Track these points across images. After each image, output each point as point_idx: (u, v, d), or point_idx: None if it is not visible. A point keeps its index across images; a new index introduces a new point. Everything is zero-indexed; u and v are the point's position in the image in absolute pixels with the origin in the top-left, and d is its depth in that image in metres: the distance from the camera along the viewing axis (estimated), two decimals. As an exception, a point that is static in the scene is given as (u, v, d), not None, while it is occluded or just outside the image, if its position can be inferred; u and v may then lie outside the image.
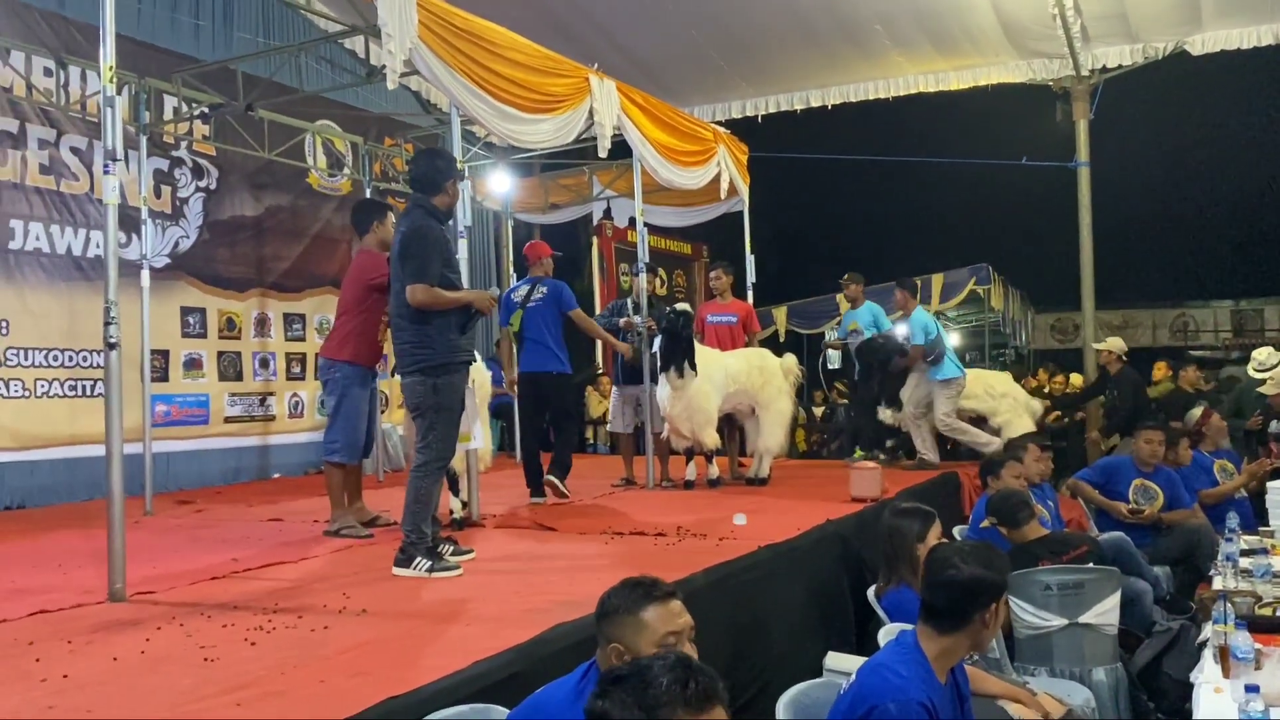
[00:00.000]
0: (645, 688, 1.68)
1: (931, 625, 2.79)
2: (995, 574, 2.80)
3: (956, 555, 2.84)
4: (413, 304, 4.55)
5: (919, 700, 2.56)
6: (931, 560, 2.91)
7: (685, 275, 15.88)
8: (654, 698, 1.67)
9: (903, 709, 2.54)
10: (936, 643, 2.77)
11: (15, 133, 7.82)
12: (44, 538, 6.00)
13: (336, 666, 3.03)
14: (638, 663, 1.76)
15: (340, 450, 5.77)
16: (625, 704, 1.68)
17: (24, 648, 3.33)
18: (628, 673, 1.73)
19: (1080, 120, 12.19)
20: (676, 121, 8.57)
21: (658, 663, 1.74)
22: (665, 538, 5.31)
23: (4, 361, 7.59)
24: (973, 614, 2.76)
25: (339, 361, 5.79)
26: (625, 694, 1.69)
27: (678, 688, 1.67)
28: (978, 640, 2.81)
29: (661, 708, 1.66)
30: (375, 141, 10.45)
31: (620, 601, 2.38)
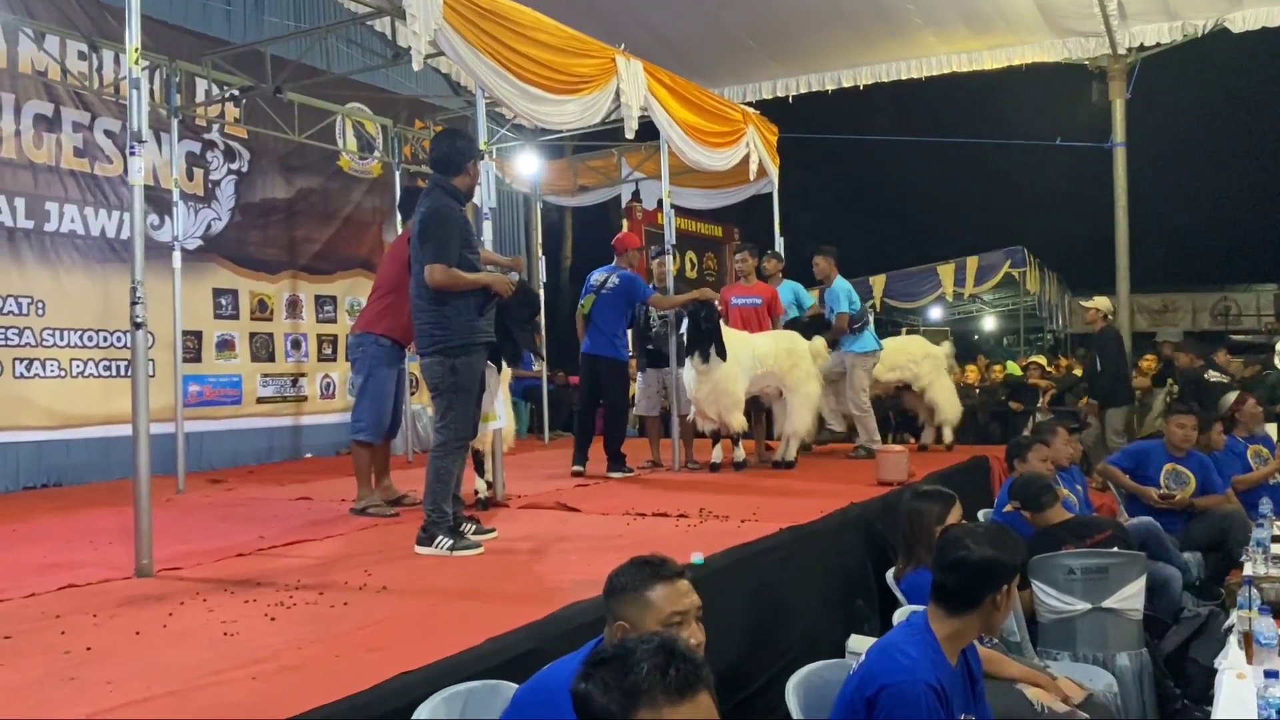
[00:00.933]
0: (626, 673, 1.66)
1: (942, 606, 2.77)
2: (1007, 555, 2.77)
3: (968, 536, 2.81)
4: (430, 285, 4.57)
5: (927, 681, 2.55)
6: (943, 541, 2.89)
7: (715, 258, 15.83)
8: (633, 683, 1.64)
9: (911, 690, 2.53)
10: (947, 624, 2.75)
11: (50, 116, 7.92)
12: (77, 515, 6.10)
13: (353, 642, 3.06)
14: (623, 645, 1.74)
15: (366, 429, 5.82)
16: (606, 687, 1.66)
17: (50, 620, 3.39)
18: (611, 655, 1.71)
19: (1117, 100, 12.02)
20: (704, 102, 8.52)
21: (641, 646, 1.70)
22: (687, 519, 5.32)
23: (40, 341, 7.72)
24: (984, 595, 2.73)
25: (372, 335, 5.83)
26: (607, 677, 1.67)
27: (658, 674, 1.64)
28: (989, 622, 2.79)
29: (641, 694, 1.63)
30: (405, 124, 10.48)
31: (627, 580, 2.38)
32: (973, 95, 14.13)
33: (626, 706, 1.63)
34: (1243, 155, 19.09)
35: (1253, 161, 18.90)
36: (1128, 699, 4.22)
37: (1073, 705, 3.53)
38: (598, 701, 1.65)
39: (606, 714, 1.64)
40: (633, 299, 7.60)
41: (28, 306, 7.66)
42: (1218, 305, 22.65)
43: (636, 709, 1.63)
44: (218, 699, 2.54)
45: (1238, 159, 19.03)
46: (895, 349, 9.12)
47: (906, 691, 2.53)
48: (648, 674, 1.64)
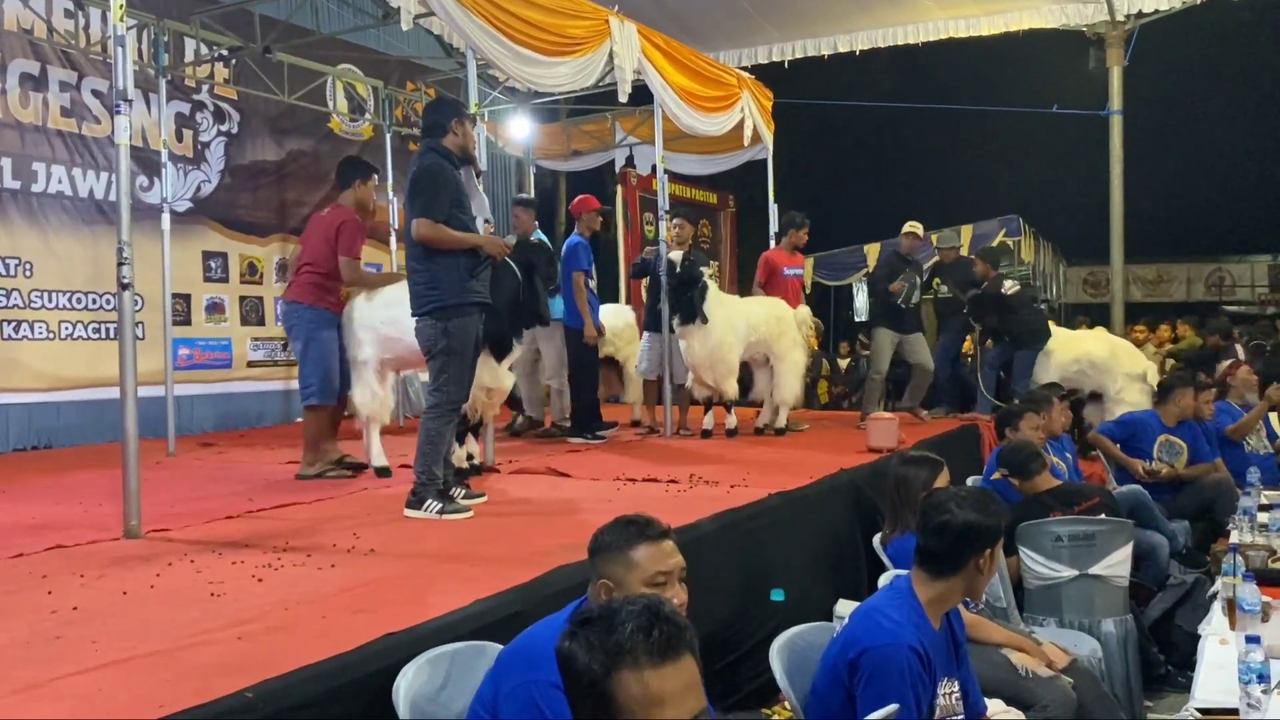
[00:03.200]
0: (610, 632, 1.65)
1: (925, 570, 2.78)
2: (990, 519, 2.78)
3: (951, 500, 2.81)
4: (416, 239, 4.54)
5: (909, 644, 2.56)
6: (926, 505, 2.89)
7: (710, 225, 15.75)
8: (616, 643, 1.63)
9: (892, 653, 2.54)
10: (930, 588, 2.76)
11: (36, 75, 7.82)
12: (67, 476, 6.09)
13: (340, 603, 3.07)
14: (608, 606, 1.73)
15: (316, 392, 5.75)
16: (590, 646, 1.65)
17: (38, 580, 3.40)
18: (596, 615, 1.71)
19: (1114, 67, 11.94)
20: (699, 66, 8.44)
21: (626, 608, 1.70)
22: (677, 484, 5.33)
23: (29, 303, 7.67)
24: (966, 559, 2.74)
25: (306, 305, 5.78)
26: (591, 636, 1.66)
27: (641, 635, 1.64)
28: (972, 586, 2.80)
29: (624, 654, 1.62)
30: (397, 86, 10.38)
31: (612, 538, 2.38)
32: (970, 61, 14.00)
33: (609, 666, 1.63)
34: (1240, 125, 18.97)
35: (1250, 132, 18.78)
36: (1112, 665, 4.25)
37: (1057, 670, 3.56)
38: (580, 660, 1.65)
39: (589, 673, 1.64)
40: (568, 267, 7.47)
41: (15, 268, 7.60)
42: (1212, 276, 22.64)
43: (619, 669, 1.62)
44: (204, 658, 2.54)
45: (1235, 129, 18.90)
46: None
47: (888, 654, 2.54)
48: (631, 634, 1.64)
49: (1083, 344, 8.81)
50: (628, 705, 1.61)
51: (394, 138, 9.95)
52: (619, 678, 1.62)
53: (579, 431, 7.46)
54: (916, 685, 2.56)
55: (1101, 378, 8.46)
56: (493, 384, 5.63)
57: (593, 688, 1.63)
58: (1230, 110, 18.96)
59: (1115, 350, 8.73)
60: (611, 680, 1.62)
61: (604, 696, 1.62)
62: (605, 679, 1.62)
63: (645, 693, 1.61)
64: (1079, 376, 8.47)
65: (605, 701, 1.62)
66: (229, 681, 2.29)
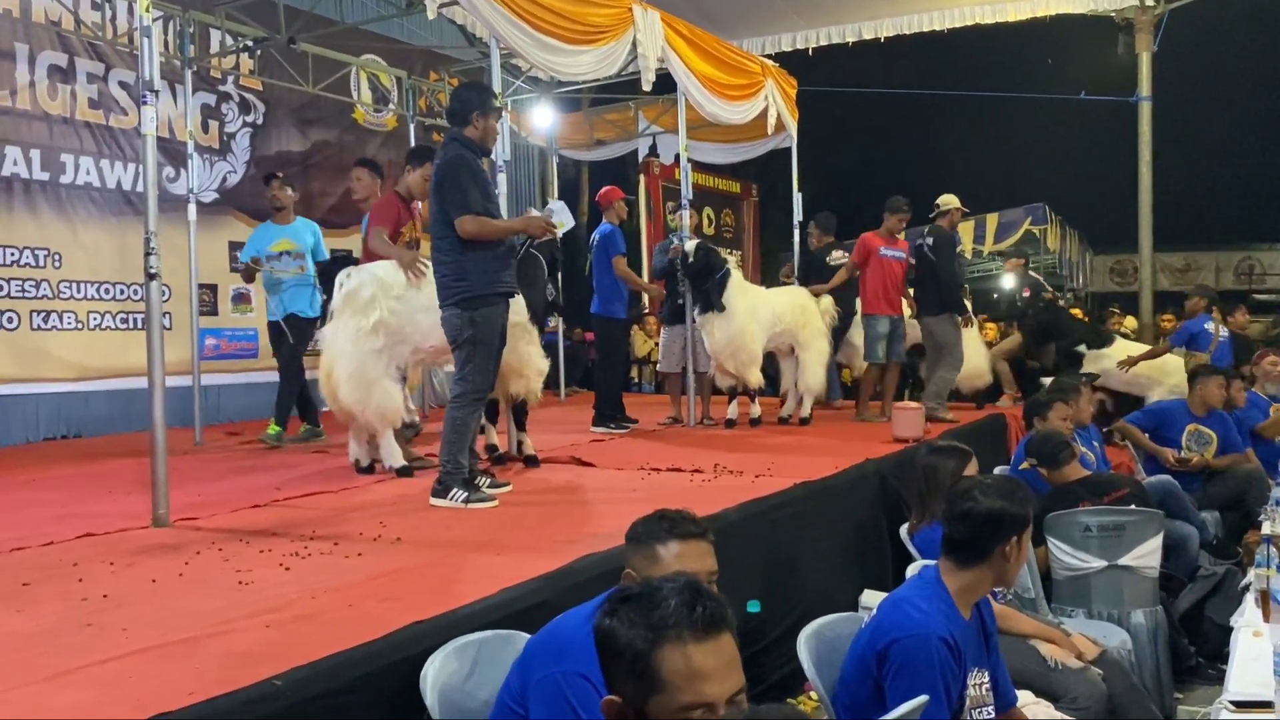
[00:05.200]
0: (653, 608, 1.67)
1: (953, 559, 2.75)
2: (1015, 507, 2.74)
3: (976, 488, 2.78)
4: (463, 236, 4.52)
5: (939, 634, 2.53)
6: (952, 494, 2.87)
7: (734, 214, 15.70)
8: (660, 619, 1.65)
9: (922, 643, 2.52)
10: (958, 577, 2.73)
11: (64, 67, 7.88)
12: (95, 465, 6.15)
13: (366, 592, 3.08)
14: (648, 584, 1.75)
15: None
16: (632, 622, 1.67)
17: (68, 568, 3.42)
18: (637, 592, 1.72)
19: (1143, 53, 11.79)
20: (723, 54, 8.40)
21: (667, 585, 1.72)
22: (701, 474, 5.31)
23: (58, 294, 7.74)
24: (993, 547, 2.71)
25: None
26: (633, 613, 1.68)
27: (685, 610, 1.66)
28: (1001, 575, 2.77)
29: (668, 629, 1.64)
30: (420, 76, 10.38)
31: (643, 530, 2.36)
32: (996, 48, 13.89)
33: (652, 641, 1.64)
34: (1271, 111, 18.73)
35: (1280, 118, 18.57)
36: (1142, 656, 4.21)
37: (1087, 662, 3.53)
38: (623, 636, 1.67)
39: (631, 649, 1.66)
40: (608, 254, 7.66)
41: (44, 259, 7.67)
42: (1241, 264, 22.39)
43: (663, 644, 1.64)
44: (231, 646, 2.55)
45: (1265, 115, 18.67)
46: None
47: (918, 644, 2.52)
48: (675, 610, 1.66)
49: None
50: (671, 679, 1.63)
51: (418, 128, 9.96)
52: (662, 652, 1.64)
53: (604, 421, 7.47)
54: (946, 675, 2.53)
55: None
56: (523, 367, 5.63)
57: (636, 662, 1.65)
58: (1260, 96, 18.72)
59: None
60: (655, 655, 1.64)
61: (647, 671, 1.64)
62: (649, 654, 1.64)
63: (689, 667, 1.63)
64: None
65: (648, 676, 1.64)
66: (257, 669, 2.30)
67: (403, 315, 5.18)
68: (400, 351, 5.29)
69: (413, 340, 5.25)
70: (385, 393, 5.17)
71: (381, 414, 5.19)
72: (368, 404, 5.13)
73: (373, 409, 5.16)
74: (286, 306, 7.12)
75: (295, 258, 7.16)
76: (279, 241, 7.18)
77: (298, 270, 7.14)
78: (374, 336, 5.13)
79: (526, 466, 5.71)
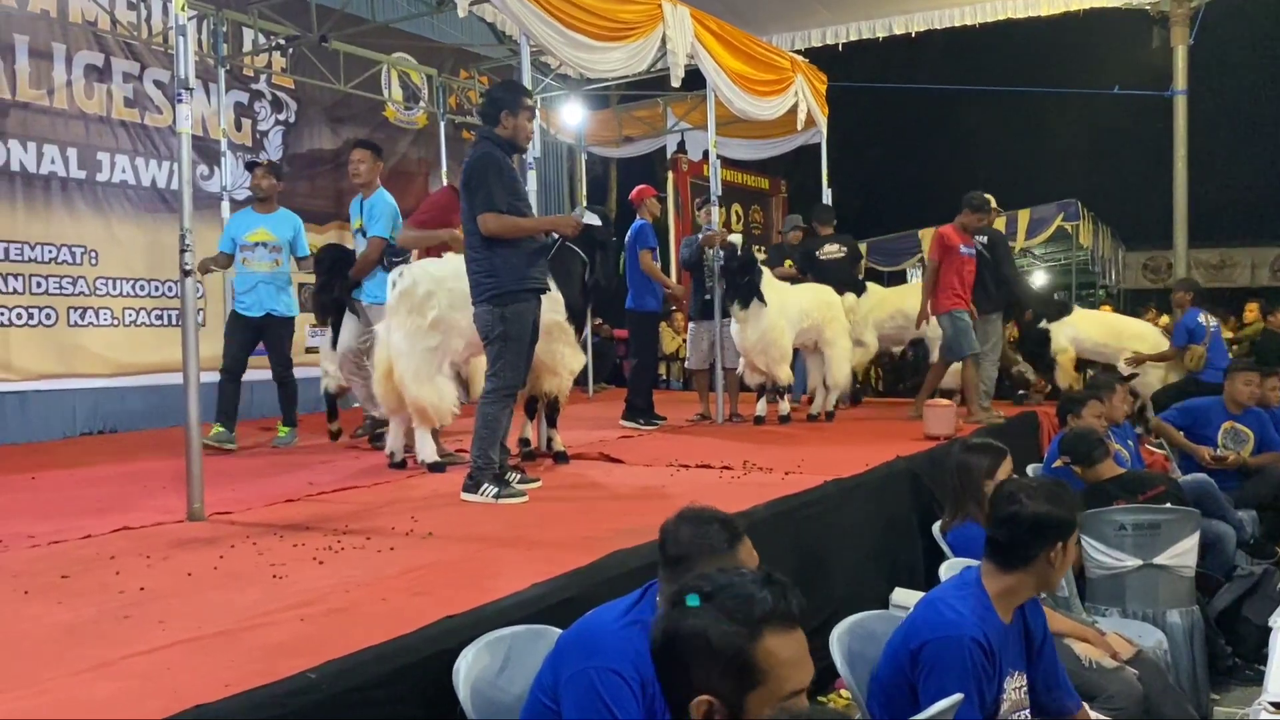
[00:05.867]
0: (746, 602, 1.70)
1: (995, 562, 2.71)
2: (1063, 512, 2.69)
3: (1022, 491, 2.73)
4: (485, 234, 4.55)
5: (972, 636, 2.50)
6: (997, 496, 2.82)
7: (761, 210, 15.66)
8: (759, 612, 1.68)
9: (954, 644, 2.48)
10: (999, 580, 2.69)
11: (101, 66, 7.98)
12: (131, 460, 6.22)
13: (399, 586, 3.09)
14: (725, 577, 1.76)
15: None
16: (730, 616, 1.69)
17: (106, 561, 3.47)
18: (719, 586, 1.74)
19: (1179, 46, 11.64)
20: (752, 50, 8.39)
21: (746, 578, 1.74)
22: (731, 471, 5.30)
23: (94, 291, 7.84)
24: (1037, 552, 2.66)
25: None
26: (727, 605, 1.70)
27: (781, 602, 1.70)
28: (1045, 580, 2.71)
29: (767, 621, 1.68)
30: (450, 74, 10.43)
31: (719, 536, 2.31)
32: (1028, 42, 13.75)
33: (751, 635, 1.68)
34: (1309, 105, 18.45)
35: (1319, 112, 18.28)
36: (1178, 656, 4.16)
37: (1122, 661, 3.49)
38: (717, 633, 1.69)
39: (730, 645, 1.68)
40: (638, 249, 7.72)
41: (81, 256, 7.78)
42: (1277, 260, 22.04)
43: (763, 637, 1.68)
44: (267, 639, 2.57)
45: (1304, 108, 18.40)
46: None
47: (949, 645, 2.49)
48: (774, 601, 1.70)
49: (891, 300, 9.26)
50: (771, 670, 1.67)
51: (448, 125, 10.00)
52: (764, 644, 1.68)
53: (633, 416, 7.48)
54: (979, 677, 2.50)
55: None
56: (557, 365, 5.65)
57: (736, 658, 1.68)
58: (1299, 90, 18.44)
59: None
60: (756, 648, 1.67)
61: (747, 665, 1.67)
62: (749, 648, 1.67)
63: (789, 656, 1.69)
64: (899, 332, 9.10)
65: (749, 670, 1.67)
66: (292, 662, 2.32)
67: (456, 312, 5.23)
68: (455, 347, 5.36)
69: (466, 336, 5.30)
70: (438, 390, 5.25)
71: (437, 410, 5.27)
72: (423, 400, 5.21)
73: (428, 405, 5.23)
74: (264, 305, 6.69)
75: (271, 250, 6.71)
76: (256, 231, 6.69)
77: (272, 264, 6.70)
78: (431, 334, 5.21)
79: (556, 463, 5.73)
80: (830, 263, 8.63)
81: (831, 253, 8.70)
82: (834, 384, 7.89)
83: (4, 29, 7.36)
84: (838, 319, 7.88)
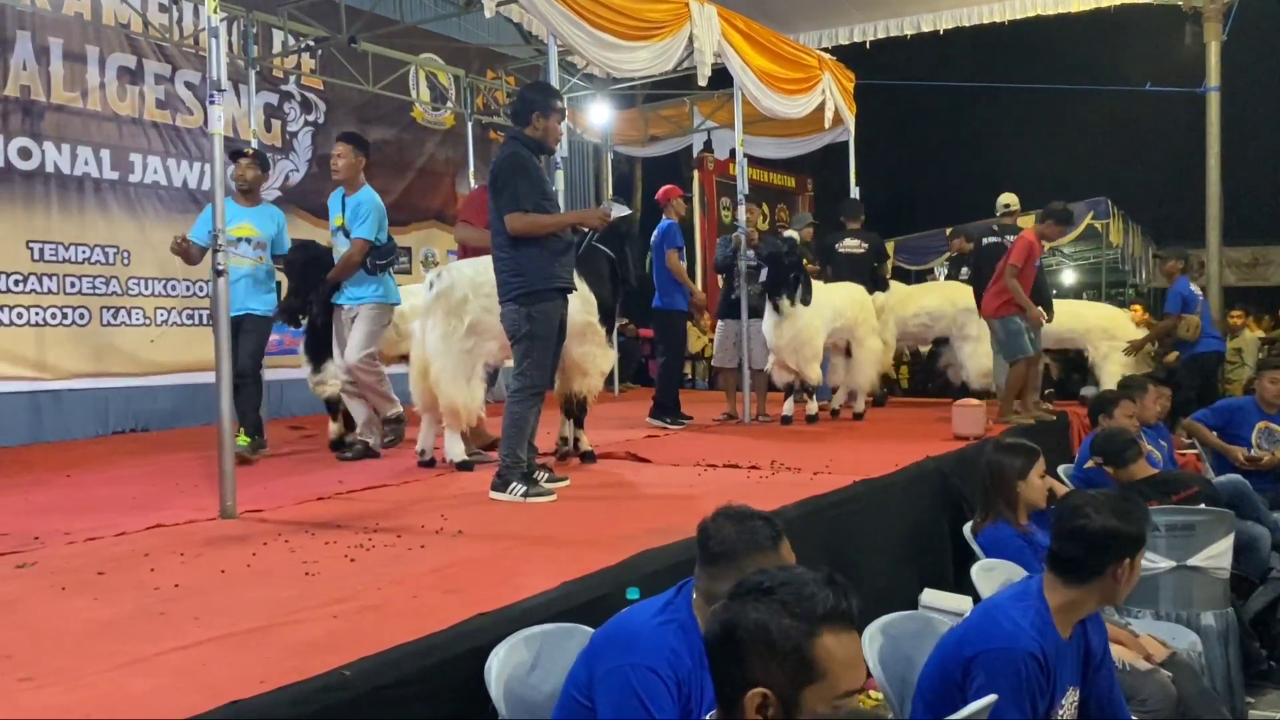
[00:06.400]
0: (807, 599, 1.71)
1: (1058, 575, 2.64)
2: (1130, 526, 2.61)
3: (1089, 504, 2.66)
4: (512, 233, 4.57)
5: (1028, 650, 2.44)
6: (1062, 508, 2.75)
7: (788, 209, 15.62)
8: (820, 610, 1.70)
9: (1009, 657, 2.43)
10: (1061, 594, 2.62)
11: (133, 68, 8.07)
12: (163, 458, 6.29)
13: (430, 583, 3.11)
14: (786, 574, 1.78)
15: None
16: (790, 613, 1.70)
17: (140, 558, 3.51)
18: (777, 583, 1.75)
19: (1212, 42, 11.49)
20: (779, 48, 8.37)
21: (808, 576, 1.75)
22: (759, 470, 5.29)
23: (126, 290, 7.93)
24: (1103, 567, 2.59)
25: None
26: (787, 601, 1.71)
27: (843, 602, 1.71)
28: (1110, 595, 2.65)
29: (827, 619, 1.69)
30: (477, 74, 10.47)
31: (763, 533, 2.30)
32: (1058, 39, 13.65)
33: (810, 632, 1.70)
34: (1345, 101, 18.18)
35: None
36: (1213, 659, 4.11)
37: (1155, 664, 3.45)
38: (776, 627, 1.71)
39: (789, 640, 1.70)
40: (666, 248, 7.72)
41: (114, 256, 7.87)
42: (1311, 259, 21.74)
43: (822, 634, 1.70)
44: (300, 636, 2.59)
45: (1339, 105, 18.13)
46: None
47: (1004, 658, 2.44)
48: (834, 600, 1.72)
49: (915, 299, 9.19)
50: (828, 667, 1.69)
51: (475, 126, 10.04)
52: (823, 641, 1.70)
53: (660, 415, 7.49)
54: (1033, 692, 2.44)
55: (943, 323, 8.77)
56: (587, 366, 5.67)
57: (795, 653, 1.70)
58: (1334, 86, 18.17)
59: (946, 294, 9.03)
60: (815, 644, 1.70)
61: (805, 661, 1.70)
62: (808, 644, 1.70)
63: (846, 654, 1.71)
64: (923, 330, 9.04)
65: (806, 666, 1.70)
66: (325, 659, 2.34)
67: (492, 314, 5.26)
68: (489, 349, 5.40)
69: (500, 339, 5.33)
70: (471, 393, 5.31)
71: (468, 411, 5.34)
72: (456, 401, 5.27)
73: (460, 406, 5.29)
74: (244, 302, 6.07)
75: (256, 246, 6.19)
76: (240, 225, 6.06)
77: (256, 260, 6.18)
78: (467, 337, 5.27)
79: (583, 462, 5.74)
80: (848, 257, 8.63)
81: (850, 247, 8.69)
82: (859, 385, 7.88)
83: (40, 32, 7.46)
84: (868, 319, 7.89)
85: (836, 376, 8.24)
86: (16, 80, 7.36)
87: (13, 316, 7.34)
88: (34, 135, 7.46)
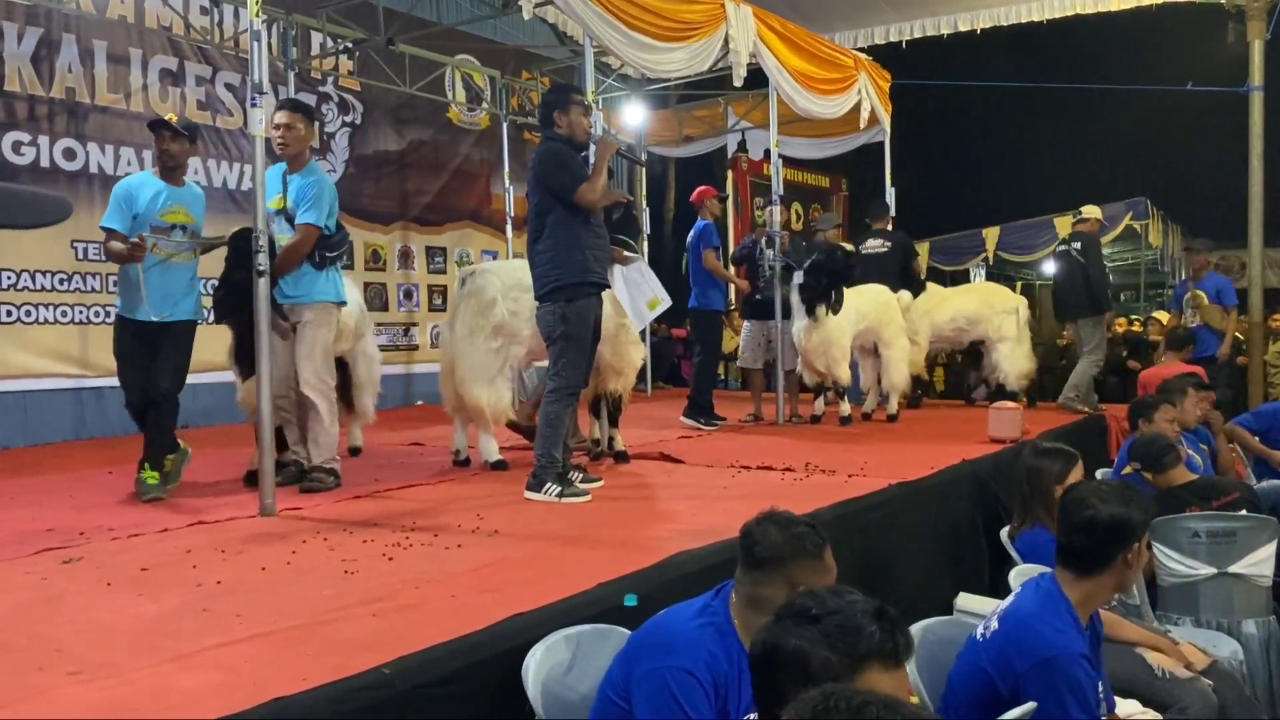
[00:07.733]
0: (854, 633, 1.66)
1: (1071, 569, 2.66)
2: (1136, 512, 2.66)
3: (1093, 495, 2.69)
4: (586, 206, 4.63)
5: (1080, 652, 2.48)
6: (1067, 501, 2.77)
7: (822, 209, 15.55)
8: (865, 646, 1.65)
9: (1069, 663, 2.45)
10: (1078, 587, 2.65)
11: (175, 70, 8.18)
12: (204, 456, 6.34)
13: (467, 583, 3.14)
14: (835, 601, 1.72)
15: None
16: (833, 645, 1.65)
17: (182, 555, 3.56)
18: (825, 611, 1.70)
19: (1255, 41, 11.28)
20: (815, 48, 8.34)
21: (858, 607, 1.70)
22: (793, 472, 5.28)
23: (167, 290, 8.01)
24: (1115, 555, 2.63)
25: None
26: (831, 634, 1.66)
27: (889, 642, 1.66)
28: (1122, 581, 2.70)
29: (872, 657, 1.64)
30: (513, 75, 10.52)
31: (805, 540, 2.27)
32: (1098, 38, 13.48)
33: (854, 668, 1.65)
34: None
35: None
36: (1254, 668, 4.06)
37: (1196, 672, 3.41)
38: (820, 656, 1.66)
39: (827, 670, 1.64)
40: (703, 248, 7.75)
41: (156, 255, 7.95)
42: (1357, 261, 21.32)
43: (865, 671, 1.65)
44: (341, 634, 2.63)
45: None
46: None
47: (1065, 664, 2.46)
48: (881, 638, 1.66)
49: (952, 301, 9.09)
50: None
51: (510, 126, 10.09)
52: (862, 679, 1.63)
53: (694, 415, 7.50)
54: (1093, 690, 2.49)
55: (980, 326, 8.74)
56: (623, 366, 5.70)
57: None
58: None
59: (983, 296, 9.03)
60: (855, 679, 1.63)
61: None
62: (848, 678, 1.63)
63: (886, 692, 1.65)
64: (958, 334, 8.93)
65: None
66: (365, 657, 2.37)
67: (520, 317, 5.31)
68: (515, 352, 5.46)
69: (527, 343, 5.38)
70: (497, 393, 5.35)
71: (494, 412, 5.39)
72: (480, 401, 5.32)
73: (485, 406, 5.34)
74: (177, 304, 5.14)
75: (190, 235, 5.13)
76: (172, 209, 5.01)
77: (190, 255, 5.17)
78: (494, 338, 5.32)
79: (616, 462, 5.75)
80: (871, 257, 8.65)
81: (874, 247, 8.70)
82: (891, 386, 7.86)
83: (84, 35, 7.57)
84: (895, 320, 7.86)
85: (867, 379, 8.22)
86: (63, 82, 7.48)
87: (57, 315, 7.47)
88: (78, 136, 7.57)
